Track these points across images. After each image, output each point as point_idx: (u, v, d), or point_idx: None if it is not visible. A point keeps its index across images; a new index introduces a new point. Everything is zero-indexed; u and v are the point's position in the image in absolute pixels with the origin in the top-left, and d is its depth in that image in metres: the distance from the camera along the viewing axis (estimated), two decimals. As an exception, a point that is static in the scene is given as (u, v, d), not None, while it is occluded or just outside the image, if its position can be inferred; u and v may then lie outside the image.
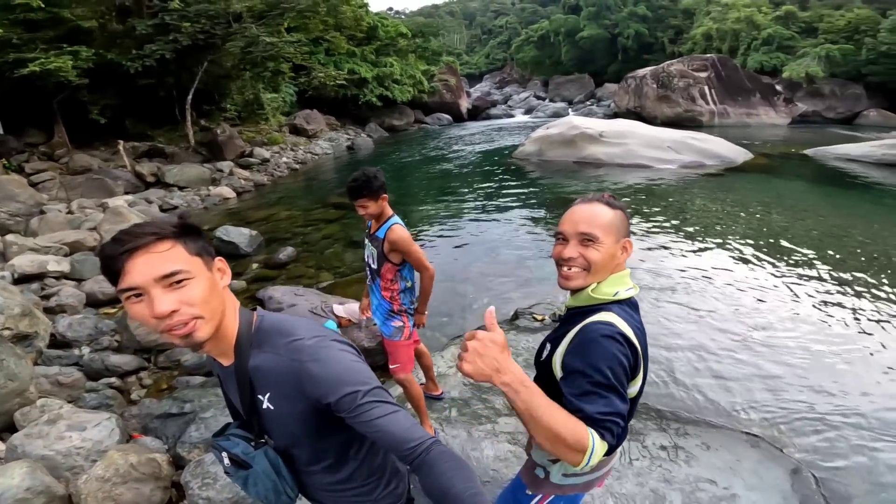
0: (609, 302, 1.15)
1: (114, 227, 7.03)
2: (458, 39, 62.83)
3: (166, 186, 11.19)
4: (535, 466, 1.38)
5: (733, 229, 6.76)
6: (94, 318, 4.33)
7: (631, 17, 37.51)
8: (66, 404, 2.74)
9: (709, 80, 21.81)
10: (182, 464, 2.41)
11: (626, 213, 1.20)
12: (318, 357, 0.88)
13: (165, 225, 0.79)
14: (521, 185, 10.22)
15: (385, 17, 23.92)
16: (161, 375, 3.59)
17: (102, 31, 11.58)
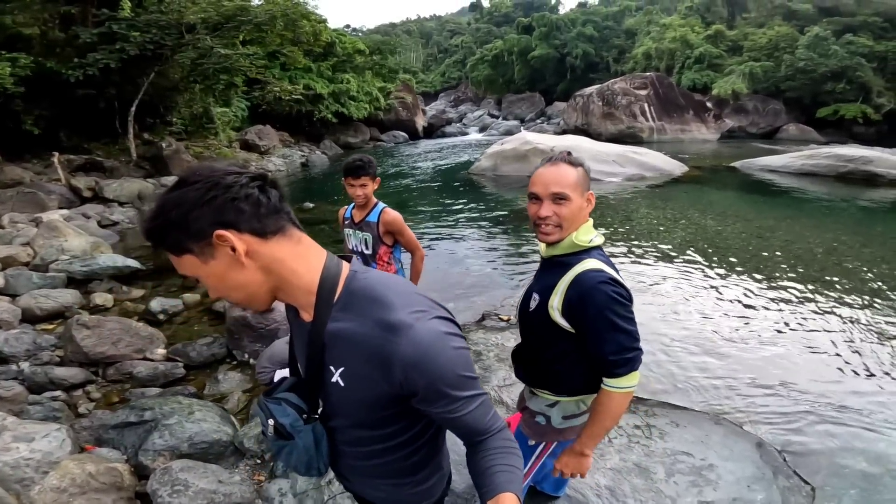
0: (588, 248, 1.30)
1: (49, 241, 6.55)
2: (415, 58, 63.84)
3: (105, 201, 10.52)
4: (534, 415, 1.47)
5: (673, 233, 7.31)
6: (32, 333, 4.02)
7: (579, 38, 39.55)
8: (10, 416, 2.52)
9: (648, 97, 23.40)
10: (146, 473, 2.27)
11: (586, 168, 1.35)
12: (417, 340, 0.74)
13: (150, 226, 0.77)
14: (477, 199, 10.49)
15: (343, 34, 23.96)
16: (111, 389, 3.38)
17: (42, 38, 10.92)
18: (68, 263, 5.74)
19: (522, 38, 42.38)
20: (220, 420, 2.62)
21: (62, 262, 5.79)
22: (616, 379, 1.26)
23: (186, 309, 4.91)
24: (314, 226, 8.24)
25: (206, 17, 12.12)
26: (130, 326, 3.93)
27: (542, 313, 1.32)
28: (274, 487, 2.15)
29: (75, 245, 6.34)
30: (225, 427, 2.56)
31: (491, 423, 0.85)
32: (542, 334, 1.35)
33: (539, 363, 1.42)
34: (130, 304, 5.16)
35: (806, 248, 6.52)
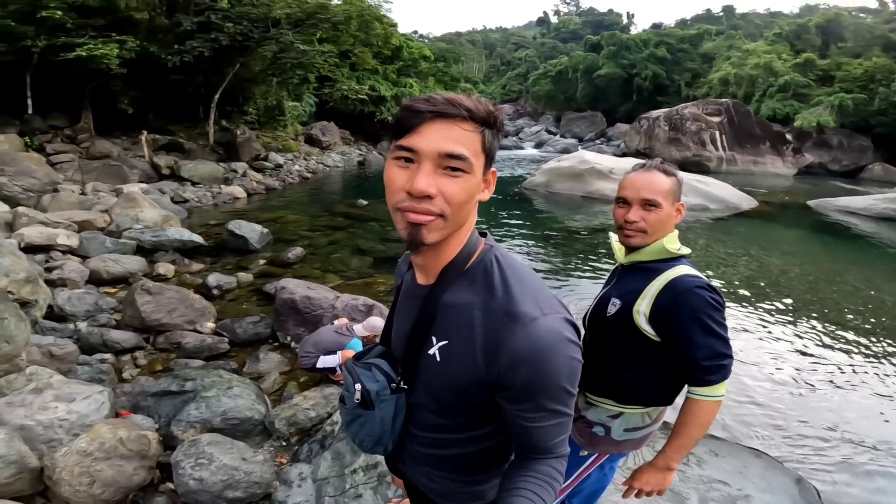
0: (678, 256, 1.30)
1: (125, 210, 7.09)
2: (477, 68, 64.37)
3: (180, 180, 11.32)
4: (591, 426, 1.43)
5: (734, 269, 6.93)
6: (95, 294, 4.33)
7: (650, 59, 38.31)
8: (57, 375, 2.64)
9: (721, 125, 22.19)
10: (173, 444, 2.33)
11: (679, 179, 1.35)
12: (536, 336, 0.70)
13: (480, 107, 0.69)
14: (527, 214, 10.38)
15: (410, 39, 24.63)
16: (157, 357, 3.57)
17: (149, 23, 11.95)
18: (140, 232, 6.19)
19: (589, 55, 41.67)
20: (255, 398, 2.69)
21: (134, 231, 6.25)
22: (707, 387, 1.22)
23: (239, 287, 5.15)
24: (365, 222, 8.44)
25: (290, 12, 12.87)
26: (187, 297, 4.15)
27: (624, 318, 1.30)
28: (294, 471, 2.16)
29: (148, 216, 6.84)
30: (258, 406, 2.63)
31: (554, 446, 0.80)
32: (619, 340, 1.34)
33: (607, 371, 1.38)
34: (189, 276, 5.49)
35: (876, 296, 6.06)
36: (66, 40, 10.05)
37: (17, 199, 7.35)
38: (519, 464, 0.82)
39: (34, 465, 1.97)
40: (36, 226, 5.63)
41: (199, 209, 9.95)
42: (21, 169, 8.00)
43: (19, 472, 1.91)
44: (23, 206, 6.70)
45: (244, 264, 5.98)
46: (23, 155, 8.88)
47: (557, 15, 74.07)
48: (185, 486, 1.98)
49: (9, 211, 6.34)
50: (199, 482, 1.98)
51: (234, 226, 6.60)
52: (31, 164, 8.51)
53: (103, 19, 10.86)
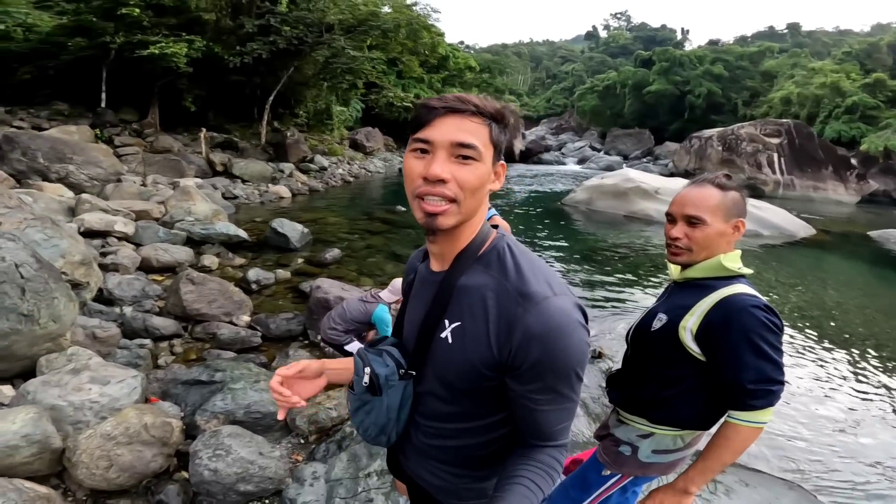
0: (736, 275, 1.22)
1: (180, 203, 7.49)
2: (522, 80, 64.25)
3: (232, 177, 11.89)
4: (619, 444, 1.38)
5: (785, 298, 6.55)
6: (143, 280, 4.56)
7: (705, 76, 36.84)
8: (97, 357, 2.70)
9: (780, 147, 20.97)
10: (194, 433, 2.38)
11: (741, 193, 1.27)
12: (549, 314, 0.73)
13: (487, 105, 0.77)
14: (566, 231, 10.17)
15: (457, 49, 24.96)
16: (193, 346, 3.70)
17: (216, 24, 12.72)
18: (190, 225, 6.52)
19: (639, 71, 40.61)
20: (281, 394, 2.71)
21: (186, 223, 6.59)
22: (750, 412, 1.14)
23: (276, 283, 5.30)
24: (402, 228, 8.54)
25: (343, 18, 13.36)
26: (227, 290, 4.30)
27: (670, 334, 1.24)
28: (308, 470, 2.17)
29: (200, 210, 7.19)
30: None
31: (557, 433, 0.81)
32: (661, 357, 1.28)
33: (645, 388, 1.32)
34: (231, 269, 5.71)
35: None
36: (141, 38, 10.81)
37: (82, 187, 7.91)
38: (519, 451, 0.83)
39: (56, 446, 2.01)
40: (97, 212, 6.03)
41: (247, 206, 10.39)
42: (89, 158, 8.60)
43: (41, 452, 1.94)
44: (87, 193, 7.20)
45: (283, 261, 6.17)
46: (92, 146, 9.57)
47: (607, 29, 73.10)
48: (200, 475, 2.01)
49: (73, 197, 6.84)
50: (213, 473, 2.00)
51: (277, 224, 6.83)
52: (99, 154, 9.15)
53: (176, 19, 11.63)
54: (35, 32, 11.06)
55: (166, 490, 2.03)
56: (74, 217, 5.89)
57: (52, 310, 2.57)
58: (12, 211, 3.38)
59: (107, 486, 1.96)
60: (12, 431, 1.88)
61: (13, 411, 2.02)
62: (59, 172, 8.01)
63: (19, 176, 7.65)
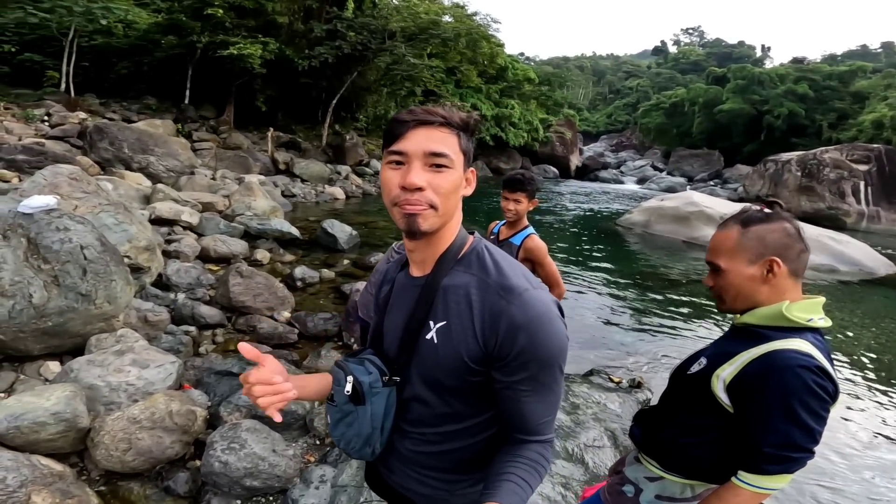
0: (802, 328, 1.07)
1: (243, 198, 7.94)
2: (583, 94, 62.86)
3: (292, 176, 12.50)
4: (624, 482, 1.30)
5: (856, 340, 5.92)
6: (200, 269, 4.84)
7: (786, 95, 34.19)
8: (142, 340, 2.78)
9: (868, 174, 18.96)
10: (216, 423, 2.42)
11: (778, 223, 1.11)
12: (530, 304, 0.78)
13: (454, 116, 0.82)
14: (618, 253, 9.78)
15: (516, 60, 24.86)
16: (233, 337, 3.85)
17: (289, 28, 13.56)
18: (249, 219, 6.88)
19: (711, 88, 38.43)
20: (306, 394, 2.75)
21: (245, 217, 6.97)
22: (758, 476, 1.03)
23: (320, 282, 5.45)
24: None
25: (405, 26, 13.78)
26: (273, 285, 4.47)
27: (703, 380, 1.15)
28: (317, 472, 2.17)
29: (260, 206, 7.59)
30: (305, 402, 2.69)
31: (542, 427, 0.84)
32: (691, 402, 1.18)
33: (668, 430, 1.24)
34: (280, 265, 5.95)
35: None
36: (224, 38, 11.69)
37: (160, 177, 8.60)
38: (507, 448, 0.86)
39: (83, 426, 2.06)
40: (168, 202, 6.51)
41: (303, 205, 10.86)
42: (168, 151, 9.35)
43: (66, 430, 2.01)
44: (162, 183, 7.82)
45: (330, 261, 6.35)
46: (173, 139, 10.41)
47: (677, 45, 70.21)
48: (210, 466, 2.05)
49: (150, 186, 7.44)
50: (223, 465, 2.03)
51: (327, 224, 7.06)
52: (178, 147, 9.93)
53: (254, 21, 12.46)
54: (134, 29, 12.24)
55: (176, 477, 2.09)
56: (148, 205, 6.40)
57: (109, 291, 2.74)
58: (89, 196, 3.71)
59: (121, 469, 2.03)
60: (43, 408, 1.97)
61: (51, 388, 2.12)
62: (141, 162, 8.76)
63: (105, 164, 8.45)
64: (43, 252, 2.55)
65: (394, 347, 0.90)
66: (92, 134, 8.76)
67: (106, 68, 12.82)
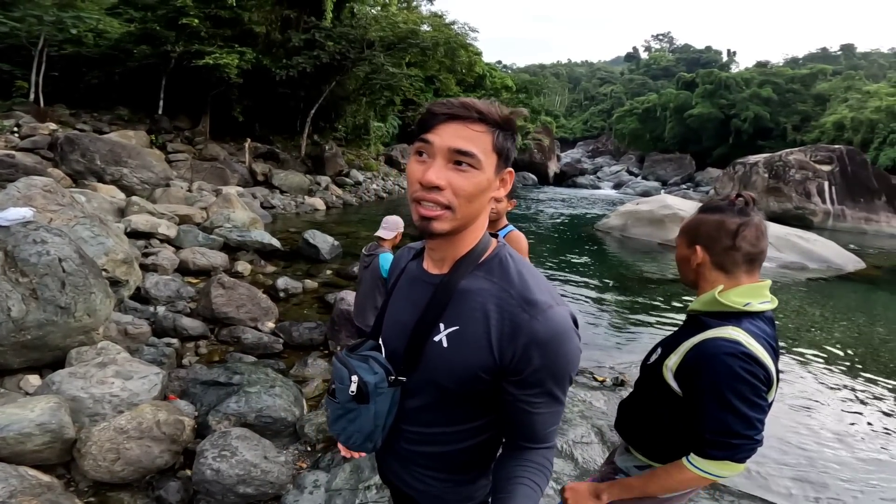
0: (738, 312, 1.10)
1: (221, 209, 7.83)
2: (559, 101, 63.96)
3: (271, 187, 12.36)
4: (616, 472, 1.34)
5: (829, 335, 6.17)
6: (179, 282, 4.76)
7: (752, 99, 35.55)
8: (125, 352, 2.77)
9: (831, 174, 19.86)
10: (205, 432, 2.41)
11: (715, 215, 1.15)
12: (553, 322, 0.75)
13: (493, 111, 0.76)
14: (598, 257, 9.99)
15: (494, 69, 25.22)
16: (217, 348, 3.81)
17: (266, 38, 13.44)
18: (228, 231, 6.78)
19: (681, 93, 39.64)
20: (294, 401, 2.77)
21: (224, 229, 6.86)
22: (704, 460, 1.07)
23: (304, 293, 5.42)
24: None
25: (383, 35, 13.85)
26: (255, 296, 4.44)
27: (657, 369, 1.20)
28: (310, 477, 2.17)
29: (238, 217, 7.49)
30: (294, 409, 2.69)
31: (549, 435, 0.84)
32: (649, 391, 1.24)
33: (636, 420, 1.30)
34: (262, 276, 5.89)
35: None
36: (199, 47, 11.52)
37: (134, 189, 8.41)
38: (512, 454, 0.85)
39: (69, 437, 2.04)
40: (144, 214, 6.38)
41: (283, 216, 10.75)
42: (143, 163, 9.16)
43: (52, 441, 1.98)
44: (137, 195, 7.65)
45: (313, 272, 6.31)
46: (146, 150, 10.20)
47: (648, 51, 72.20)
48: (202, 474, 2.03)
49: (124, 199, 7.28)
50: (215, 473, 2.02)
51: (308, 235, 7.02)
52: (153, 159, 9.73)
53: (231, 30, 12.31)
54: (105, 38, 11.94)
55: (167, 486, 2.06)
56: (123, 218, 6.26)
57: (89, 304, 2.71)
58: (64, 208, 3.63)
59: (110, 479, 2.00)
60: (28, 419, 1.94)
61: (34, 400, 2.09)
62: (114, 174, 8.55)
63: (77, 176, 8.22)
64: (20, 265, 2.50)
65: (398, 343, 0.87)
66: (63, 145, 8.52)
67: (76, 78, 12.46)
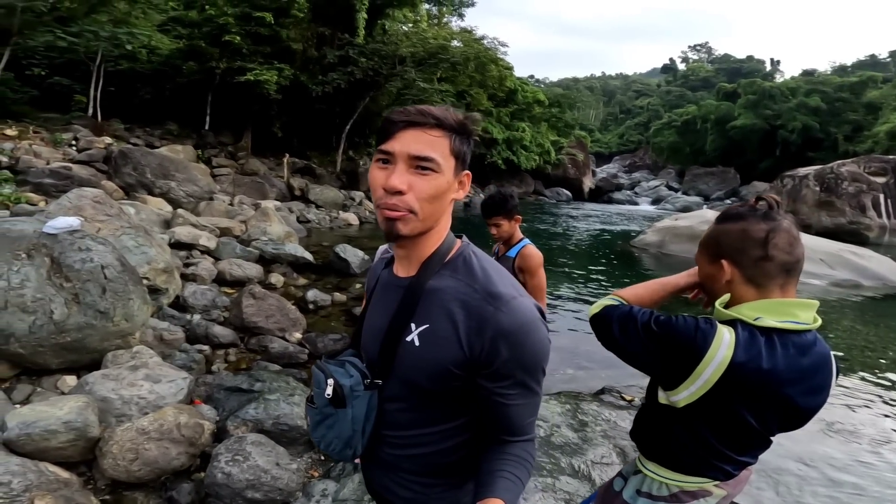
0: (734, 319, 0.99)
1: (258, 223, 8.15)
2: (594, 115, 63.20)
3: (307, 202, 12.77)
4: (614, 478, 1.29)
5: (882, 355, 5.75)
6: (215, 291, 4.96)
7: (799, 109, 33.88)
8: (157, 356, 2.86)
9: (886, 186, 18.53)
10: (223, 437, 2.45)
11: (737, 223, 1.03)
12: (516, 313, 0.78)
13: (449, 117, 0.80)
14: (632, 273, 9.70)
15: (526, 83, 25.22)
16: (245, 356, 3.91)
17: (303, 54, 14.08)
18: (264, 244, 7.04)
19: (723, 104, 38.27)
20: (313, 410, 2.77)
21: (260, 242, 7.13)
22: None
23: (332, 305, 5.53)
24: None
25: (414, 51, 14.21)
26: (285, 307, 4.56)
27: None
28: (319, 486, 2.18)
29: (275, 231, 7.78)
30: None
31: (527, 427, 0.86)
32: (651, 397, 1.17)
33: (640, 421, 1.23)
34: (294, 288, 6.05)
35: None
36: (241, 64, 12.17)
37: (180, 202, 8.88)
38: (493, 448, 0.86)
39: (93, 436, 2.11)
40: (187, 226, 6.73)
41: (318, 230, 11.07)
42: (189, 177, 9.65)
43: (77, 439, 2.05)
44: (182, 208, 8.08)
45: (342, 285, 6.43)
46: (193, 165, 10.76)
47: (685, 62, 70.46)
48: (213, 477, 2.07)
49: (170, 211, 7.70)
50: (226, 476, 2.06)
51: (340, 249, 7.19)
52: (198, 173, 10.25)
53: (270, 47, 12.95)
54: (157, 55, 12.80)
55: (179, 487, 2.12)
56: (168, 229, 6.62)
57: (127, 310, 2.86)
58: (112, 218, 3.88)
59: (126, 478, 2.07)
60: (56, 417, 2.03)
61: (65, 399, 2.19)
62: (163, 188, 9.05)
63: (128, 188, 8.76)
64: (65, 271, 2.67)
65: (374, 348, 0.89)
66: (116, 159, 9.09)
67: (130, 93, 13.30)
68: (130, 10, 11.63)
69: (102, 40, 10.71)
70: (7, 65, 9.87)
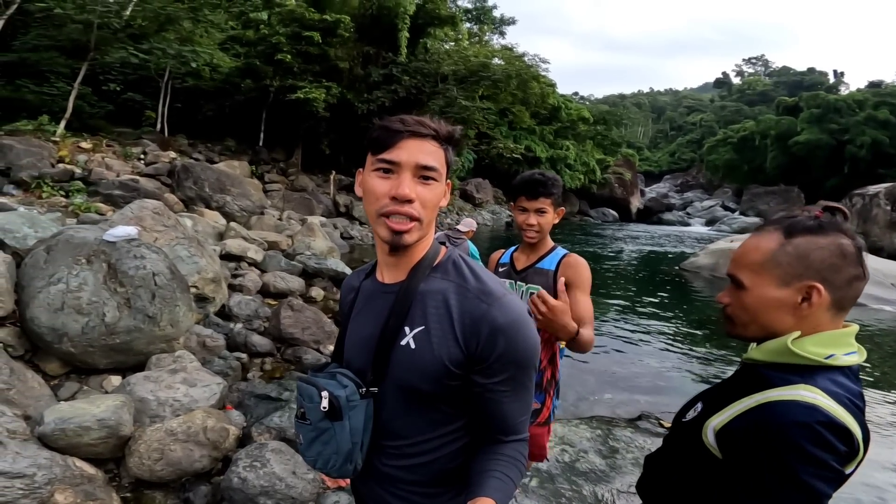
0: (818, 366, 0.83)
1: (304, 238, 8.46)
2: (642, 132, 61.39)
3: (351, 218, 13.18)
4: None
5: None
6: (258, 302, 5.16)
7: (867, 123, 31.35)
8: (196, 361, 2.95)
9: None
10: (246, 443, 2.49)
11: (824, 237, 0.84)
12: (508, 309, 0.81)
13: (442, 128, 0.84)
14: (682, 297, 9.27)
15: (569, 100, 24.99)
16: (280, 365, 4.02)
17: (349, 73, 14.72)
18: (308, 258, 7.29)
19: (783, 119, 35.93)
20: (336, 420, 2.79)
21: (304, 256, 7.40)
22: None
23: (368, 319, 5.57)
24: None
25: (456, 69, 14.48)
26: (321, 320, 4.67)
27: (694, 428, 0.94)
28: (332, 498, 2.17)
29: (318, 246, 8.05)
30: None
31: (519, 426, 0.87)
32: (681, 453, 0.99)
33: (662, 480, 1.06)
34: (332, 302, 6.19)
35: None
36: (292, 82, 12.84)
37: (233, 216, 9.41)
38: (485, 449, 0.87)
39: (124, 434, 2.18)
40: (238, 239, 7.09)
41: (360, 246, 11.36)
42: (243, 191, 10.23)
43: (108, 437, 2.12)
44: (235, 222, 8.54)
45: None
46: (247, 180, 11.40)
47: (740, 76, 67.45)
48: (229, 481, 2.11)
49: (224, 224, 8.15)
50: (241, 482, 2.08)
51: (380, 264, 7.30)
52: (252, 188, 10.85)
53: (319, 66, 13.62)
54: (218, 72, 13.75)
55: (197, 489, 2.16)
56: (220, 241, 7.00)
57: (173, 315, 3.01)
58: (168, 229, 4.16)
59: (149, 477, 2.13)
60: (91, 414, 2.11)
61: (104, 397, 2.28)
62: (219, 201, 9.64)
63: (188, 201, 9.39)
64: (120, 276, 2.88)
65: (364, 358, 0.87)
66: (179, 173, 9.80)
67: (195, 109, 14.27)
68: (194, 29, 12.51)
69: (170, 57, 11.51)
70: (85, 79, 10.62)
